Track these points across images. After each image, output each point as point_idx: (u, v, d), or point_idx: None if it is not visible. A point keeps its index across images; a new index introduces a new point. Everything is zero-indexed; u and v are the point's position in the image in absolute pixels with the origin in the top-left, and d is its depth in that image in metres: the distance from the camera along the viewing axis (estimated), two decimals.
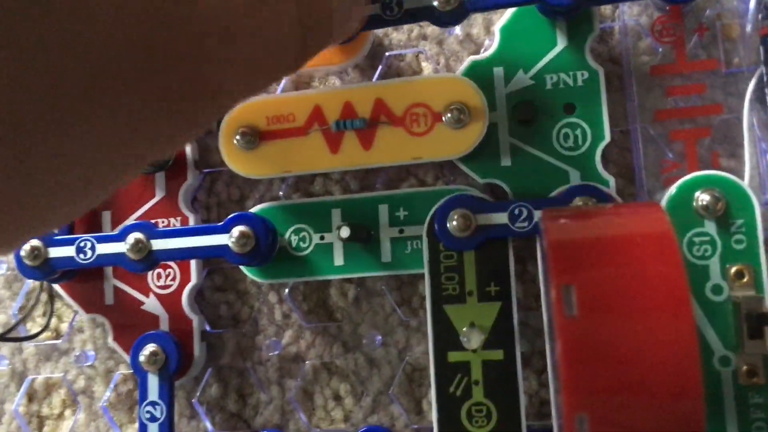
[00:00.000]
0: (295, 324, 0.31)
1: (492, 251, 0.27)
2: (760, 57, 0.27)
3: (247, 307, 0.32)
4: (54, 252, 0.29)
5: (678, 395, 0.17)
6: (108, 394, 0.32)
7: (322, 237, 0.30)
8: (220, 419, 0.32)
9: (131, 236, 0.29)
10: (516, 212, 0.26)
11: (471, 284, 0.27)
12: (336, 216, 0.30)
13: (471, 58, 0.30)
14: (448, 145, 0.28)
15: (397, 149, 0.29)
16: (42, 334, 0.33)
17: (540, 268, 0.26)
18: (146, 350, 0.29)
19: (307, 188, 0.32)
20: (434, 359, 0.27)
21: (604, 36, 0.30)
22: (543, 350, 0.29)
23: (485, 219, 0.27)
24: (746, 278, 0.25)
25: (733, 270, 0.26)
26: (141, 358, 0.29)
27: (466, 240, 0.27)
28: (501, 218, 0.26)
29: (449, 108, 0.28)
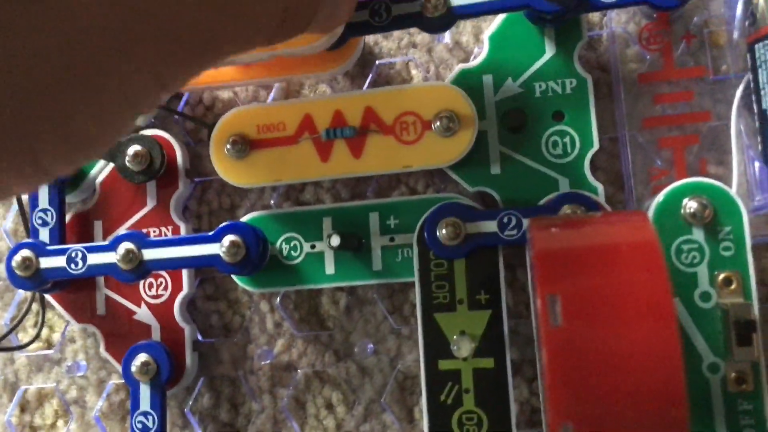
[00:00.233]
0: (287, 333, 0.31)
1: (482, 259, 0.27)
2: (748, 64, 0.27)
3: (239, 316, 0.32)
4: (45, 262, 0.29)
5: (662, 404, 0.17)
6: (100, 404, 0.32)
7: (313, 246, 0.30)
8: (213, 429, 0.32)
9: (122, 246, 0.29)
10: (505, 220, 0.27)
11: (461, 292, 0.27)
12: (327, 224, 0.30)
13: (460, 66, 0.30)
14: (438, 153, 0.28)
15: (387, 157, 0.29)
16: (33, 344, 0.33)
17: (529, 277, 0.26)
18: (138, 360, 0.29)
19: (298, 197, 0.32)
20: (425, 367, 0.27)
21: (593, 43, 0.30)
22: (533, 358, 0.29)
23: (475, 227, 0.27)
24: (734, 285, 0.25)
25: (721, 277, 0.26)
26: (133, 368, 0.29)
27: (456, 248, 0.27)
28: (490, 226, 0.27)
29: (438, 116, 0.28)
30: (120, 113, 0.17)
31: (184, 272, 0.31)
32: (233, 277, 0.31)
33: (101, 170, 0.32)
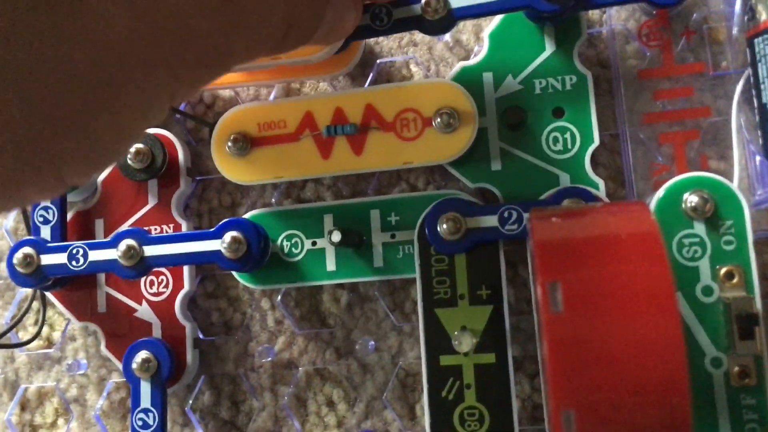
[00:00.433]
0: (288, 330, 0.31)
1: (483, 255, 0.27)
2: (747, 59, 0.27)
3: (240, 314, 0.32)
4: (46, 259, 0.29)
5: (664, 391, 0.17)
6: (101, 403, 0.32)
7: (314, 243, 0.30)
8: (213, 427, 0.31)
9: (123, 243, 0.29)
10: (506, 215, 0.27)
11: (462, 288, 0.27)
12: (328, 221, 0.30)
13: (460, 64, 0.30)
14: (439, 150, 0.28)
15: (388, 154, 0.29)
16: (33, 343, 0.33)
17: (530, 270, 0.26)
18: (139, 357, 0.29)
19: (299, 194, 0.32)
20: (426, 363, 0.27)
21: (592, 41, 0.30)
22: (535, 354, 0.29)
23: (475, 222, 0.27)
24: (736, 279, 0.25)
25: (723, 271, 0.26)
26: (134, 365, 0.29)
27: (457, 243, 0.27)
28: (491, 221, 0.27)
29: (439, 113, 0.28)
30: (137, 125, 0.17)
31: (185, 270, 0.31)
32: (234, 275, 0.31)
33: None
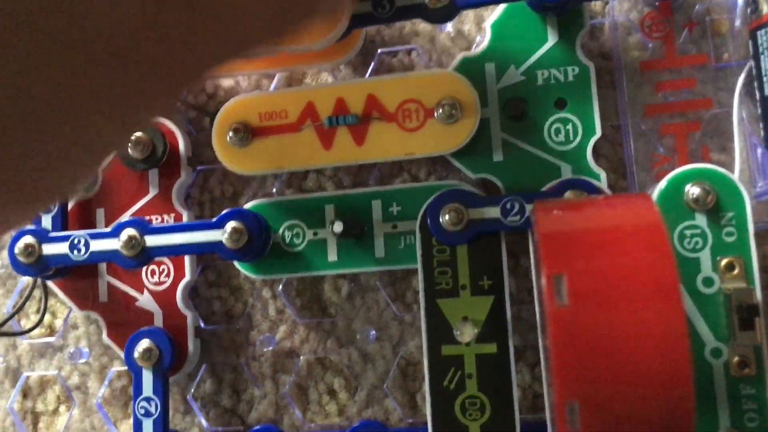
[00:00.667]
0: (289, 319, 0.31)
1: (485, 245, 0.27)
2: (750, 51, 0.27)
3: (241, 303, 0.32)
4: (48, 249, 0.29)
5: (668, 383, 0.17)
6: (102, 391, 0.32)
7: (316, 233, 0.30)
8: (215, 414, 0.32)
9: (125, 233, 0.29)
10: (508, 206, 0.27)
11: (464, 278, 0.27)
12: (329, 212, 0.30)
13: (462, 54, 0.30)
14: (441, 140, 0.29)
15: (390, 145, 0.29)
16: (35, 331, 0.33)
17: (532, 261, 0.26)
18: (140, 346, 0.29)
19: (300, 185, 0.32)
20: (428, 353, 0.27)
21: (595, 32, 0.30)
22: (536, 344, 0.29)
23: (477, 213, 0.27)
24: (737, 270, 0.26)
25: (724, 262, 0.26)
26: (135, 354, 0.29)
27: (459, 234, 0.27)
28: (493, 212, 0.27)
29: (441, 103, 0.28)
30: (138, 116, 0.16)
31: (187, 259, 0.31)
32: (235, 264, 0.31)
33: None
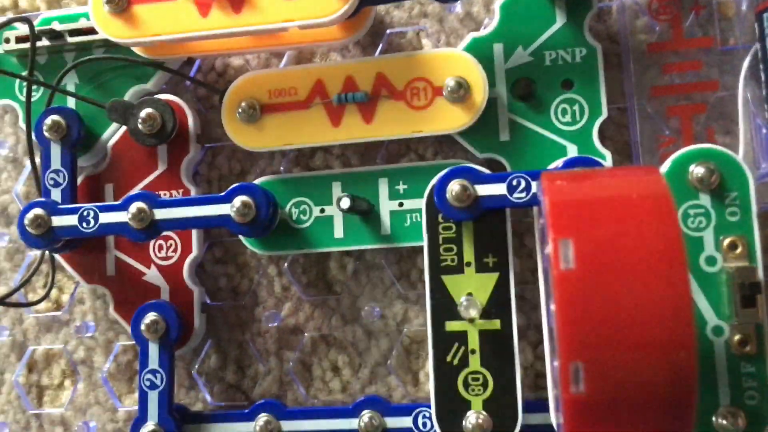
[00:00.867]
0: (295, 296, 0.32)
1: (490, 223, 0.27)
2: (755, 35, 0.27)
3: (247, 280, 0.32)
4: (57, 221, 0.30)
5: (672, 346, 0.18)
6: (108, 365, 0.33)
7: (323, 210, 0.31)
8: (219, 390, 0.32)
9: (134, 205, 0.29)
10: (514, 183, 0.27)
11: (469, 255, 0.28)
12: (336, 189, 0.30)
13: (471, 35, 0.30)
14: (448, 119, 0.29)
15: (398, 123, 0.29)
16: (42, 305, 0.33)
17: (537, 238, 0.27)
18: (147, 319, 0.29)
19: (308, 163, 0.32)
20: (432, 329, 0.27)
21: (602, 14, 0.30)
22: (539, 323, 0.29)
23: (484, 189, 0.27)
24: (740, 249, 0.26)
25: (727, 241, 0.26)
26: (142, 327, 0.29)
27: (465, 210, 0.27)
28: (499, 189, 0.27)
29: (449, 82, 0.28)
30: None
31: (194, 235, 0.31)
32: (242, 240, 0.31)
33: (113, 134, 0.33)
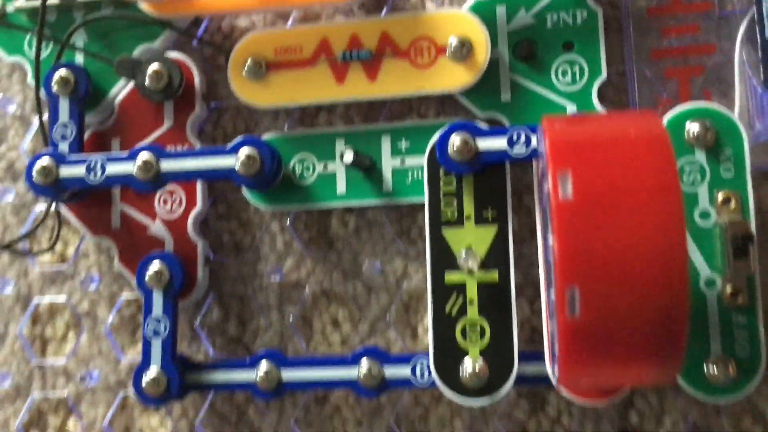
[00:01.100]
0: (296, 252, 0.32)
1: (489, 176, 0.28)
2: None
3: (250, 236, 0.33)
4: (65, 171, 0.30)
5: (664, 274, 0.18)
6: (111, 318, 0.33)
7: (326, 166, 0.31)
8: (221, 343, 0.32)
9: (140, 157, 0.29)
10: (515, 137, 0.27)
11: (469, 209, 0.28)
12: (340, 146, 0.31)
13: None
14: (451, 77, 0.29)
15: (402, 80, 0.30)
16: (47, 257, 0.34)
17: (536, 195, 0.27)
18: (152, 269, 0.30)
19: (312, 123, 0.33)
20: (431, 280, 0.28)
21: None
22: (536, 280, 0.30)
23: (485, 143, 0.27)
24: (733, 204, 0.27)
25: (721, 197, 0.27)
26: (146, 276, 0.30)
27: (466, 164, 0.28)
28: (500, 143, 0.27)
29: (452, 41, 0.29)
30: None
31: (198, 189, 0.32)
32: (246, 195, 0.32)
33: (120, 90, 0.33)
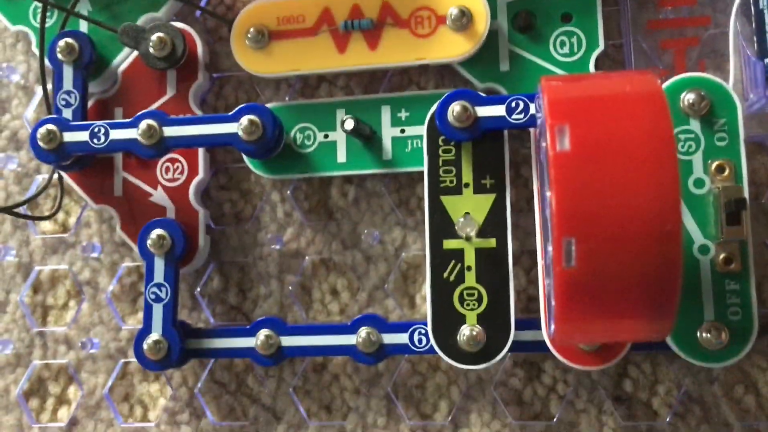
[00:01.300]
0: (296, 222, 0.33)
1: (488, 145, 0.28)
2: None
3: (250, 206, 0.33)
4: (69, 137, 0.30)
5: (659, 227, 0.19)
6: (112, 286, 0.34)
7: (326, 135, 0.31)
8: (221, 311, 0.33)
9: (144, 122, 0.30)
10: (513, 105, 0.28)
11: (467, 177, 0.29)
12: (340, 115, 0.31)
13: None
14: (451, 47, 0.30)
15: (402, 50, 0.30)
16: (49, 226, 0.34)
17: (533, 165, 0.28)
18: (154, 234, 0.30)
19: (313, 94, 0.33)
20: (430, 246, 0.28)
21: None
22: (533, 249, 0.31)
23: (484, 111, 0.28)
24: (727, 172, 0.27)
25: (715, 165, 0.27)
26: (148, 242, 0.30)
27: (465, 131, 0.28)
28: (499, 110, 0.28)
29: (452, 11, 0.29)
30: None
31: (200, 157, 0.32)
32: (247, 164, 0.32)
33: (123, 59, 0.33)
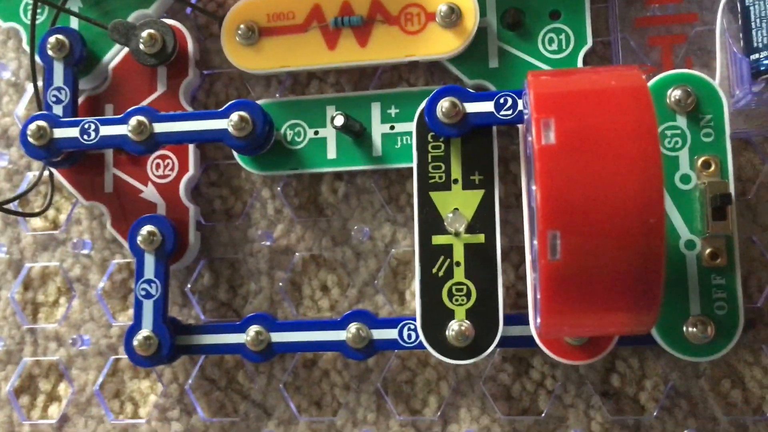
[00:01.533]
0: (287, 218, 0.33)
1: (477, 141, 0.29)
2: None
3: (241, 203, 0.33)
4: (59, 133, 0.31)
5: (642, 219, 0.19)
6: (103, 283, 0.34)
7: (317, 132, 0.32)
8: (211, 307, 0.33)
9: (134, 119, 0.30)
10: (501, 101, 0.28)
11: (456, 173, 0.29)
12: (330, 112, 0.32)
13: None
14: (440, 43, 0.30)
15: (392, 47, 0.30)
16: (39, 223, 0.34)
17: (521, 159, 0.28)
18: (144, 230, 0.30)
19: (303, 91, 0.33)
20: (419, 242, 0.28)
21: None
22: (521, 245, 0.31)
23: (472, 107, 0.28)
24: (713, 168, 0.27)
25: (701, 160, 0.27)
26: (139, 238, 0.30)
27: (454, 127, 0.28)
28: (487, 106, 0.28)
29: (442, 8, 0.30)
30: None
31: (191, 154, 0.32)
32: (238, 160, 0.32)
33: (114, 56, 0.33)
